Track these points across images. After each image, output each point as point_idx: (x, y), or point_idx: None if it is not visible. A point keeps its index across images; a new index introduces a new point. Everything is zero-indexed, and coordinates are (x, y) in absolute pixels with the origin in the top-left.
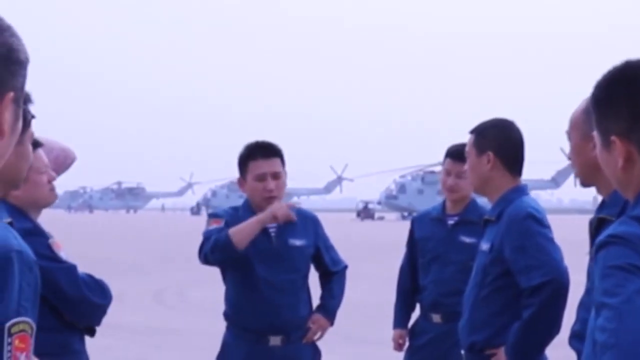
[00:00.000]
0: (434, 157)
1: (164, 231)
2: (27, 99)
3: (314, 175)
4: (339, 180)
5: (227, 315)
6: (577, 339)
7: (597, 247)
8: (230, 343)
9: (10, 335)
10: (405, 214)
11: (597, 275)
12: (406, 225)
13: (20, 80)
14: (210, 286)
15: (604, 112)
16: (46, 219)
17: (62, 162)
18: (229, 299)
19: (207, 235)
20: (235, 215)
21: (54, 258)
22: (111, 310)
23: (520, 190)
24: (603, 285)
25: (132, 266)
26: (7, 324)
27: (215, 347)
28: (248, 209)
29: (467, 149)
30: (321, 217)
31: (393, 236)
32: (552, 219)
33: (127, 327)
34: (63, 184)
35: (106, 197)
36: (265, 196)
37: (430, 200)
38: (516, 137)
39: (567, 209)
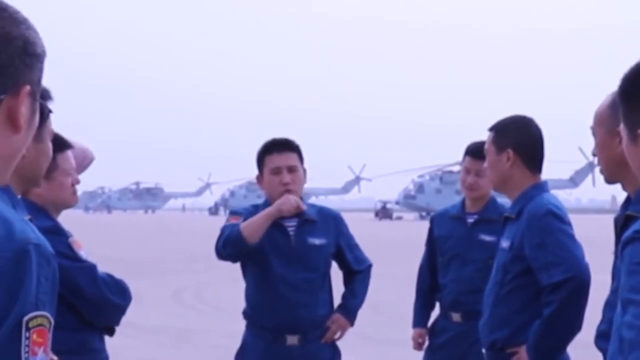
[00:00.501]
0: (453, 156)
1: (183, 231)
2: (46, 95)
3: (332, 175)
4: (357, 180)
5: (245, 314)
6: (603, 338)
7: (624, 244)
8: (249, 341)
9: (28, 329)
10: (424, 213)
11: (624, 272)
12: (424, 225)
13: (37, 73)
14: (229, 286)
15: (632, 105)
16: (65, 219)
17: (81, 162)
18: (248, 296)
19: (222, 231)
20: (255, 213)
21: (74, 257)
22: (129, 309)
23: (541, 187)
24: (630, 281)
25: (150, 266)
26: (25, 318)
27: (233, 347)
28: (268, 206)
29: (486, 146)
30: None
31: (411, 236)
32: (570, 219)
33: (145, 326)
34: (81, 184)
35: (124, 198)
36: (281, 189)
37: (449, 200)
38: (535, 134)
39: (586, 209)
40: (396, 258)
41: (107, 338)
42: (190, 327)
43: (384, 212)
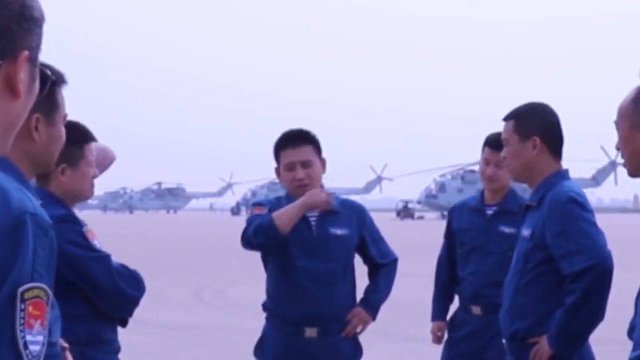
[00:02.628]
0: (474, 156)
1: (205, 231)
2: (61, 80)
3: (354, 175)
4: (379, 180)
5: (265, 306)
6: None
7: None
8: (269, 334)
9: (23, 301)
10: (445, 213)
11: None
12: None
13: (36, 39)
14: (249, 284)
15: None
16: (89, 220)
17: (102, 162)
18: (268, 288)
19: (250, 221)
20: (279, 205)
21: (88, 247)
22: (151, 307)
23: (562, 175)
24: None
25: (172, 265)
26: (20, 290)
27: (250, 343)
28: (290, 199)
29: (505, 136)
30: None
31: (433, 235)
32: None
33: (166, 324)
34: (103, 185)
35: (146, 198)
36: (295, 185)
37: None
38: (557, 120)
39: (608, 208)
40: (418, 257)
41: (128, 335)
42: (211, 324)
43: (405, 212)
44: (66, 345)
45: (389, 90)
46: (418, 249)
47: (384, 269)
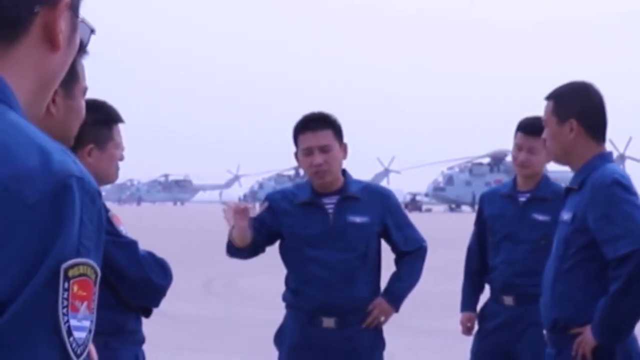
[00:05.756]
0: (482, 149)
1: (213, 222)
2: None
3: (362, 167)
4: (386, 172)
5: (284, 296)
6: None
7: None
8: (287, 324)
9: (67, 279)
10: (453, 205)
11: None
12: (454, 217)
13: None
14: (259, 276)
15: None
16: None
17: None
18: (286, 279)
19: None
20: (286, 198)
21: (114, 232)
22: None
23: (605, 157)
24: None
25: (181, 256)
26: (64, 265)
27: (264, 336)
28: (306, 187)
29: (545, 117)
30: None
31: (441, 228)
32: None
33: (176, 316)
34: None
35: (153, 190)
36: (312, 171)
37: (478, 192)
38: (598, 101)
39: None
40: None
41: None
42: (221, 315)
43: (413, 205)
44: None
45: (396, 83)
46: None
47: (408, 256)
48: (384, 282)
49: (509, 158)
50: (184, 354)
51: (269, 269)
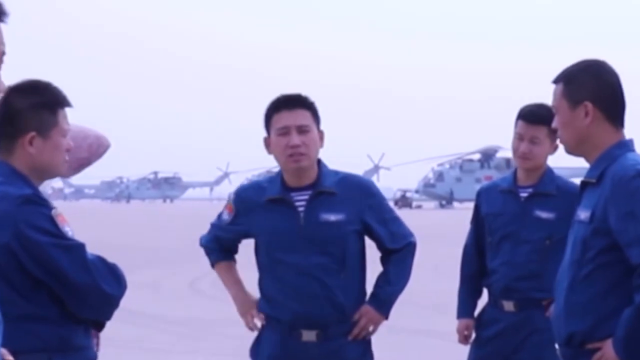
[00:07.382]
0: (472, 145)
1: (200, 220)
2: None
3: (351, 164)
4: (376, 169)
5: (259, 305)
6: None
7: None
8: (265, 334)
9: None
10: (443, 202)
11: None
12: (444, 214)
13: None
14: (247, 274)
15: None
16: (84, 208)
17: (96, 150)
18: (259, 286)
19: (210, 228)
20: (256, 193)
21: (57, 234)
22: (146, 299)
23: (625, 145)
24: None
25: (167, 255)
26: None
27: (251, 338)
28: (276, 181)
29: (554, 103)
30: None
31: (431, 225)
32: None
33: (161, 316)
34: (100, 174)
35: (143, 187)
36: (288, 153)
37: (469, 189)
38: (614, 80)
39: None
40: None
41: (122, 327)
42: (207, 316)
43: (403, 201)
44: (10, 358)
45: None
46: (417, 238)
47: (396, 254)
48: (369, 285)
49: (499, 154)
50: (165, 356)
51: (254, 267)
